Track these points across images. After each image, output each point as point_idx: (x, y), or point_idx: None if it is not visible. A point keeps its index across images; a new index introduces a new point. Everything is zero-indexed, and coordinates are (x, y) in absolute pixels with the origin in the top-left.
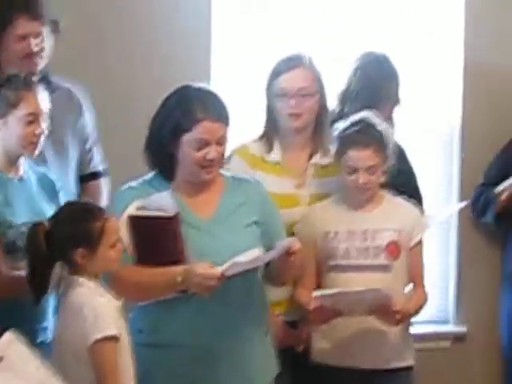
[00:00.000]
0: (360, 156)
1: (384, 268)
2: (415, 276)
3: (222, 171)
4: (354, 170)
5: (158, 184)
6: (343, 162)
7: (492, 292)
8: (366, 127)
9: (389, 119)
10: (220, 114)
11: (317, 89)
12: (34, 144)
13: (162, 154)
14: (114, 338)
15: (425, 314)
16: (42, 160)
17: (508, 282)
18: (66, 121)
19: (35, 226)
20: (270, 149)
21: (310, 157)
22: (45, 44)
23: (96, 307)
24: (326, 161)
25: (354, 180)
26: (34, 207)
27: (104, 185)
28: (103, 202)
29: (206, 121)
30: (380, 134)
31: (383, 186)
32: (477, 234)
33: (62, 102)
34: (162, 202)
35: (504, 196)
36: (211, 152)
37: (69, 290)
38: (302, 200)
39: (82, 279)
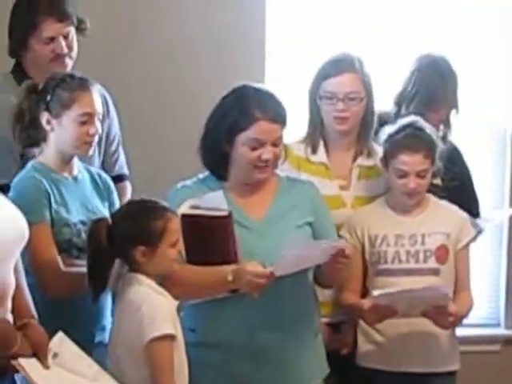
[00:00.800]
0: (411, 160)
1: (434, 272)
2: (462, 280)
3: (276, 172)
4: (405, 175)
5: (212, 183)
6: (393, 165)
7: None
8: (416, 131)
9: (446, 122)
10: (278, 115)
11: (365, 93)
12: (88, 144)
13: (216, 152)
14: (170, 337)
15: (475, 317)
16: None
17: None
18: None
19: (97, 222)
20: (314, 150)
21: (355, 158)
22: (73, 44)
23: (155, 305)
24: (370, 162)
25: (404, 184)
26: (88, 206)
27: (128, 187)
28: None
29: (263, 120)
30: (430, 138)
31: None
32: None
33: None
34: (215, 201)
35: None
36: (266, 152)
37: (127, 288)
38: (347, 202)
39: (141, 277)
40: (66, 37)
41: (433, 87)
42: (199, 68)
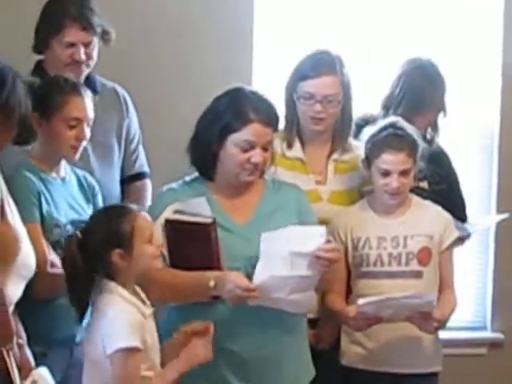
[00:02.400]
0: (395, 159)
1: (416, 274)
2: (445, 279)
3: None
4: (388, 174)
5: (199, 186)
6: (376, 165)
7: None
8: (398, 131)
9: (433, 126)
10: (271, 119)
11: (343, 94)
12: (75, 148)
13: (205, 152)
14: (134, 349)
15: (462, 320)
16: (85, 164)
17: None
18: (111, 122)
19: (68, 242)
20: (290, 145)
21: (330, 153)
22: (93, 53)
23: (120, 316)
24: (346, 157)
25: (387, 184)
26: (75, 207)
27: (149, 185)
28: (148, 201)
29: (256, 123)
30: (412, 137)
31: (412, 190)
32: None
33: (108, 102)
34: (199, 207)
35: None
36: (256, 156)
37: (98, 296)
38: (323, 196)
39: (114, 285)
40: (87, 45)
41: (420, 91)
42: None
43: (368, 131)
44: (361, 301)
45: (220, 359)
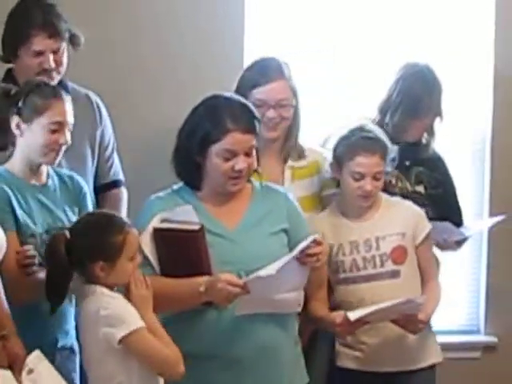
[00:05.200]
0: (369, 162)
1: (393, 274)
2: (426, 271)
3: (250, 179)
4: (361, 177)
5: (186, 194)
6: (349, 168)
7: None
8: (371, 134)
9: (429, 130)
10: (250, 125)
11: (294, 99)
12: (55, 153)
13: (189, 164)
14: (140, 329)
15: (455, 324)
16: None
17: None
18: (84, 129)
19: (55, 236)
20: None
21: (285, 161)
22: (63, 59)
23: (113, 307)
24: (302, 163)
25: (360, 187)
26: (57, 214)
27: (124, 193)
28: (124, 210)
29: (235, 132)
30: (383, 140)
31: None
32: (507, 243)
33: (81, 109)
34: (186, 215)
35: None
36: (239, 163)
37: (83, 301)
38: None
39: (94, 287)
40: (55, 52)
41: (417, 96)
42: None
43: (336, 134)
44: (351, 315)
45: (213, 365)
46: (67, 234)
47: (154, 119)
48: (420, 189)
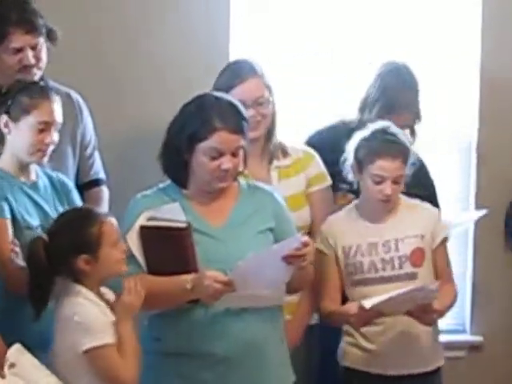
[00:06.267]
0: (391, 166)
1: (411, 276)
2: (442, 273)
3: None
4: (382, 181)
5: (173, 192)
6: (369, 171)
7: (507, 302)
8: (393, 137)
9: (410, 130)
10: (238, 126)
11: (270, 96)
12: (42, 152)
13: (176, 161)
14: (107, 346)
15: (441, 323)
16: None
17: None
18: (65, 127)
19: (34, 241)
20: None
21: (270, 161)
22: (42, 54)
23: (88, 316)
24: (288, 161)
25: (380, 190)
26: (48, 211)
27: (105, 192)
28: (105, 208)
29: (223, 131)
30: (405, 144)
31: None
32: (493, 242)
33: (62, 108)
34: (173, 213)
35: None
36: (225, 162)
37: (64, 299)
38: None
39: (79, 288)
40: (33, 48)
41: (394, 91)
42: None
43: (358, 135)
44: (366, 303)
45: (200, 363)
46: (45, 237)
47: (140, 118)
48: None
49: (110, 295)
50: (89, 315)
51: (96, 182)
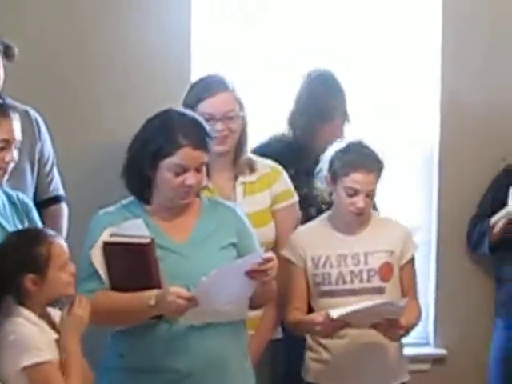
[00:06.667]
0: (365, 180)
1: (378, 290)
2: (408, 291)
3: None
4: (355, 193)
5: (135, 209)
6: (343, 183)
7: (471, 314)
8: (369, 151)
9: (341, 135)
10: (202, 142)
11: (241, 111)
12: (2, 170)
13: (139, 176)
14: (47, 363)
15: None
16: None
17: (502, 311)
18: (23, 145)
19: None
20: None
21: (236, 177)
22: None
23: (25, 334)
24: (253, 177)
25: (353, 203)
26: (5, 229)
27: (65, 209)
28: (65, 225)
29: (187, 147)
30: (380, 159)
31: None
32: (456, 254)
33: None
34: (136, 229)
35: (498, 227)
36: (189, 178)
37: (4, 318)
38: None
39: (20, 308)
40: None
41: (322, 98)
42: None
43: (334, 147)
44: (333, 313)
45: (163, 378)
46: None
47: (99, 134)
48: None
49: (55, 315)
50: (25, 334)
51: (55, 199)
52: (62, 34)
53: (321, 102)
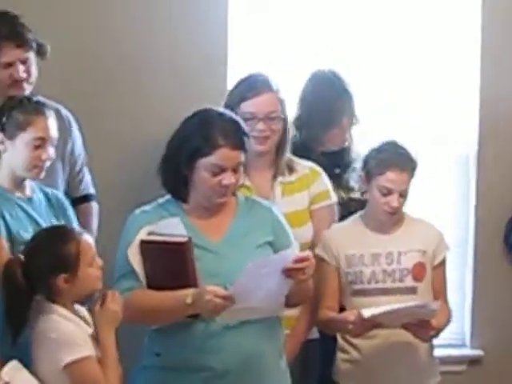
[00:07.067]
0: (399, 179)
1: (411, 290)
2: (439, 293)
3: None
4: (389, 193)
5: (172, 207)
6: (377, 182)
7: (508, 315)
8: (404, 150)
9: (348, 137)
10: (240, 142)
11: (283, 112)
12: (39, 168)
13: (176, 175)
14: (88, 359)
15: (441, 337)
16: None
17: None
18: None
19: (11, 262)
20: None
21: (275, 176)
22: (32, 69)
23: (64, 332)
24: (293, 177)
25: (387, 202)
26: (41, 226)
27: (95, 207)
28: (95, 224)
29: (225, 147)
30: (414, 158)
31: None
32: (493, 255)
33: None
34: (173, 227)
35: None
36: (227, 178)
37: (38, 317)
38: None
39: (53, 305)
40: (24, 62)
41: (329, 103)
42: (163, 88)
43: (370, 147)
44: (365, 312)
45: (199, 377)
46: (22, 257)
47: (132, 133)
48: (355, 195)
49: (83, 312)
50: (64, 331)
51: (86, 198)
52: (97, 32)
53: (327, 106)
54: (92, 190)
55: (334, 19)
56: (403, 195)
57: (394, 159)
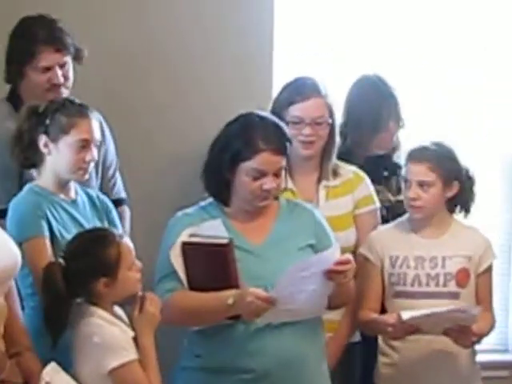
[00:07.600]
0: (414, 169)
1: (453, 295)
2: (483, 301)
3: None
4: (408, 184)
5: (213, 210)
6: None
7: None
8: (426, 144)
9: (396, 141)
10: (281, 147)
11: (330, 117)
12: (83, 170)
13: (218, 178)
14: (131, 362)
15: (484, 342)
16: None
17: None
18: None
19: (51, 266)
20: None
21: (319, 180)
22: (70, 73)
23: (107, 335)
24: (337, 181)
25: (407, 196)
26: (85, 228)
27: (127, 211)
28: (127, 228)
29: (266, 152)
30: (438, 152)
31: (451, 211)
32: None
33: None
34: (214, 230)
35: None
36: (268, 183)
37: (79, 320)
38: None
39: (94, 308)
40: (62, 66)
41: (376, 109)
42: (202, 87)
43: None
44: (404, 314)
45: (240, 378)
46: (62, 261)
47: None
48: (402, 197)
49: (121, 313)
50: (108, 334)
51: (118, 202)
52: (135, 34)
53: (375, 111)
54: (123, 195)
55: (378, 23)
56: (425, 188)
57: (415, 151)
